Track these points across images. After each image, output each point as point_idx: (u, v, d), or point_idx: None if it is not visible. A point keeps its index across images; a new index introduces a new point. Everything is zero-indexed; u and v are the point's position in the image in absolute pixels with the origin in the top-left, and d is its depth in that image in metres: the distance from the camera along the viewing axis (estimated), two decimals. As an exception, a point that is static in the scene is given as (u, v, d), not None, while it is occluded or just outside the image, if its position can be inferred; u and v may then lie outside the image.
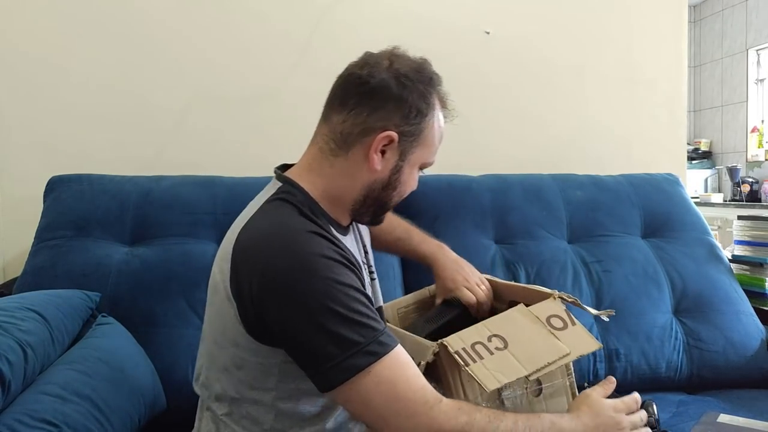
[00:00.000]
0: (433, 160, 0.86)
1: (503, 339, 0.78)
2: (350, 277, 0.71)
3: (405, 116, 0.78)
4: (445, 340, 0.76)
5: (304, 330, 0.67)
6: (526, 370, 0.74)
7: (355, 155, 0.79)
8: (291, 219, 0.75)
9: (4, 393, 0.73)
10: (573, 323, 0.82)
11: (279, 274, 0.68)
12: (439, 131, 0.84)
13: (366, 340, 0.67)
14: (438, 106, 0.83)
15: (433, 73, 0.84)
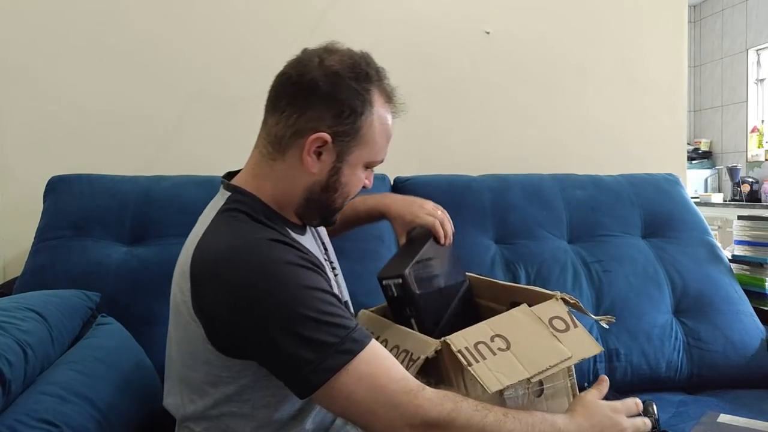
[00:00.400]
0: (380, 159, 0.83)
1: (506, 339, 0.78)
2: (316, 279, 0.71)
3: (337, 116, 0.75)
4: (448, 339, 0.76)
5: (277, 340, 0.66)
6: (528, 372, 0.74)
7: (291, 158, 0.77)
8: (248, 229, 0.74)
9: (4, 393, 0.73)
10: (575, 325, 0.82)
11: (245, 288, 0.67)
12: (382, 128, 0.80)
13: (340, 340, 0.66)
14: (379, 102, 0.79)
15: (372, 69, 0.79)
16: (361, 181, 0.82)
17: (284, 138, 0.77)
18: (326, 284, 0.72)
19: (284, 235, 0.76)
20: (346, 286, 0.98)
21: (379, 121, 0.79)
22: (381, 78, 0.80)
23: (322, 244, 0.94)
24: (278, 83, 0.79)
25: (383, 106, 0.80)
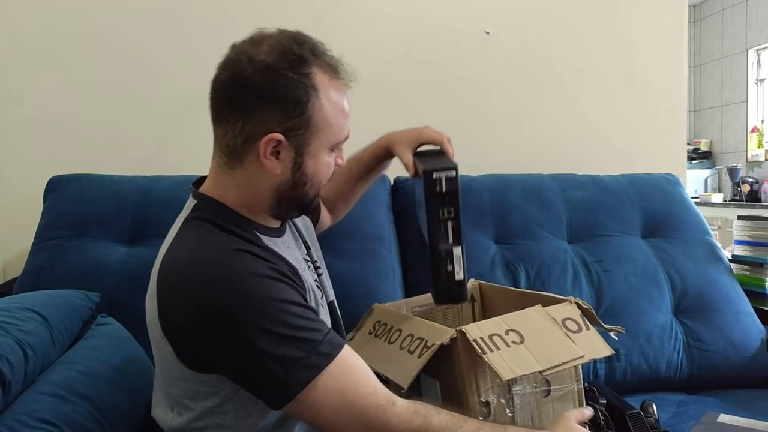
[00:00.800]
0: (342, 137, 0.78)
1: (520, 334, 0.79)
2: (282, 290, 0.68)
3: (284, 112, 0.71)
4: (464, 328, 0.77)
5: (243, 356, 0.65)
6: (541, 366, 0.75)
7: (250, 165, 0.74)
8: (212, 240, 0.71)
9: (5, 393, 0.73)
10: (587, 328, 0.83)
11: (207, 305, 0.65)
12: (335, 108, 0.75)
13: (306, 354, 0.65)
14: (323, 82, 0.73)
15: (306, 49, 0.73)
16: (330, 165, 0.79)
17: (237, 147, 0.73)
18: (295, 294, 0.70)
19: (252, 242, 0.73)
20: (331, 285, 0.96)
21: (329, 102, 0.74)
22: (319, 54, 0.74)
23: (304, 243, 0.92)
24: (214, 91, 0.75)
25: (330, 85, 0.74)
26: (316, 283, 0.88)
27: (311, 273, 0.87)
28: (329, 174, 0.80)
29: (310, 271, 0.87)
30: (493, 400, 0.78)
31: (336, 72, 0.76)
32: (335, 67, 0.77)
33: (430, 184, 0.83)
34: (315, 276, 0.89)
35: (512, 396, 0.78)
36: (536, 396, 0.81)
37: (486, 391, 0.77)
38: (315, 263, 0.92)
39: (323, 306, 0.84)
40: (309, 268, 0.87)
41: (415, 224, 1.43)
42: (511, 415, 0.80)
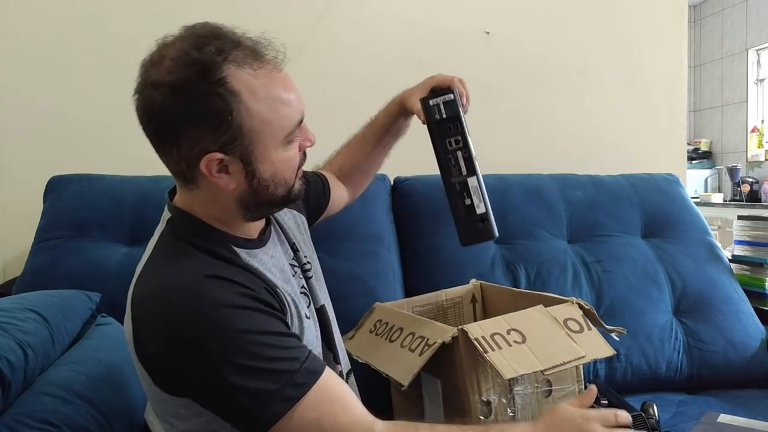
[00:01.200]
0: (292, 124, 0.70)
1: (522, 334, 0.79)
2: (256, 320, 0.65)
3: (211, 130, 0.64)
4: (466, 327, 0.77)
5: (215, 389, 0.63)
6: (542, 365, 0.75)
7: (204, 185, 0.70)
8: (184, 265, 0.67)
9: (5, 394, 0.73)
10: (589, 328, 0.83)
11: (180, 337, 0.63)
12: (266, 102, 0.66)
13: (280, 386, 0.62)
14: (243, 80, 0.65)
15: (211, 50, 0.64)
16: (291, 158, 0.72)
17: (183, 172, 0.69)
18: (271, 322, 0.66)
19: (230, 261, 0.70)
20: (323, 286, 0.92)
21: (257, 100, 0.65)
22: (229, 49, 0.65)
23: (292, 246, 0.87)
24: (140, 122, 0.70)
25: (252, 79, 0.65)
26: (303, 290, 0.84)
27: (298, 279, 0.83)
28: (295, 165, 0.73)
29: (296, 277, 0.83)
30: (494, 400, 0.78)
31: (258, 58, 0.67)
32: (255, 53, 0.67)
33: (429, 113, 0.80)
34: (303, 282, 0.85)
35: (513, 396, 0.79)
36: (537, 396, 0.81)
37: (487, 390, 0.78)
38: (304, 266, 0.87)
39: (307, 316, 0.79)
40: (295, 274, 0.83)
41: (415, 224, 1.43)
42: (512, 415, 0.80)
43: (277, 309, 0.69)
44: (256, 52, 0.68)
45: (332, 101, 1.62)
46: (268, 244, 0.80)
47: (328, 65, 1.61)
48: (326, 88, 1.62)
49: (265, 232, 0.81)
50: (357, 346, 0.99)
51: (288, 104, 0.69)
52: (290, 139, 0.71)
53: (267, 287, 0.71)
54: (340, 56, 1.63)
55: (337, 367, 0.86)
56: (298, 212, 0.95)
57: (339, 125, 1.65)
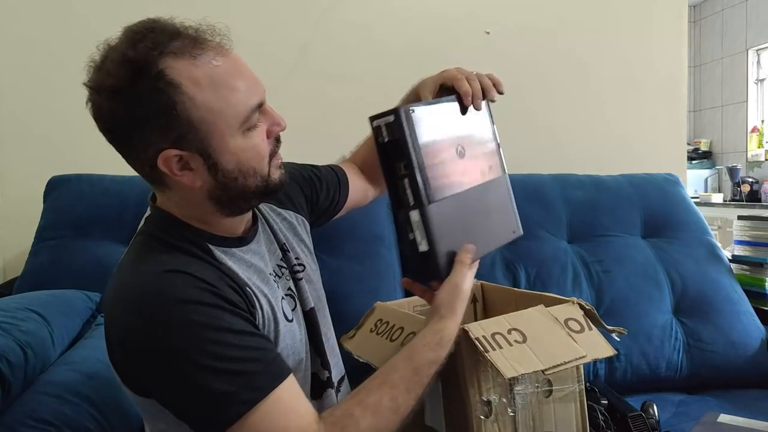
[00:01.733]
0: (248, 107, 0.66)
1: (522, 333, 0.79)
2: (216, 317, 0.62)
3: (159, 128, 0.62)
4: (466, 326, 0.76)
5: (170, 387, 0.62)
6: (543, 365, 0.75)
7: (173, 185, 0.68)
8: (146, 262, 0.66)
9: (5, 394, 0.73)
10: (590, 328, 0.83)
11: (137, 334, 0.61)
12: (213, 88, 0.63)
13: (237, 389, 0.60)
14: (183, 71, 0.62)
15: (145, 47, 0.61)
16: (257, 144, 0.68)
17: (149, 174, 0.67)
18: (233, 320, 0.63)
19: (199, 258, 0.68)
20: (318, 289, 0.89)
21: (200, 88, 0.62)
22: (165, 41, 0.62)
23: (282, 246, 0.84)
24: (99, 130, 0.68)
25: (193, 67, 0.62)
26: (290, 292, 0.81)
27: (284, 281, 0.81)
28: (262, 153, 0.69)
29: (282, 279, 0.80)
30: (494, 399, 0.78)
31: (198, 46, 0.64)
32: (196, 40, 0.64)
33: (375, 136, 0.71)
34: (290, 284, 0.82)
35: (514, 395, 0.78)
36: (538, 396, 0.81)
37: (488, 390, 0.77)
38: (294, 267, 0.84)
39: (288, 319, 0.77)
40: (282, 276, 0.81)
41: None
42: (513, 415, 0.80)
43: (243, 308, 0.66)
44: (196, 40, 0.64)
45: (332, 101, 1.63)
46: (251, 244, 0.77)
47: (328, 65, 1.62)
48: (326, 88, 1.62)
49: (251, 230, 0.79)
50: (357, 346, 0.98)
51: (236, 89, 0.65)
52: (249, 126, 0.66)
53: (234, 285, 0.68)
54: (340, 56, 1.63)
55: (324, 372, 0.84)
56: (294, 212, 0.91)
57: (339, 125, 1.65)
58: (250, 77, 0.68)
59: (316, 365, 0.83)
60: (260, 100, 0.68)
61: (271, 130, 0.70)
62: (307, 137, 1.63)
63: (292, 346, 0.76)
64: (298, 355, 0.77)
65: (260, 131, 0.68)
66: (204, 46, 0.64)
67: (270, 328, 0.72)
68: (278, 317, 0.73)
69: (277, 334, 0.73)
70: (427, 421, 0.90)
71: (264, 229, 0.82)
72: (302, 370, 0.78)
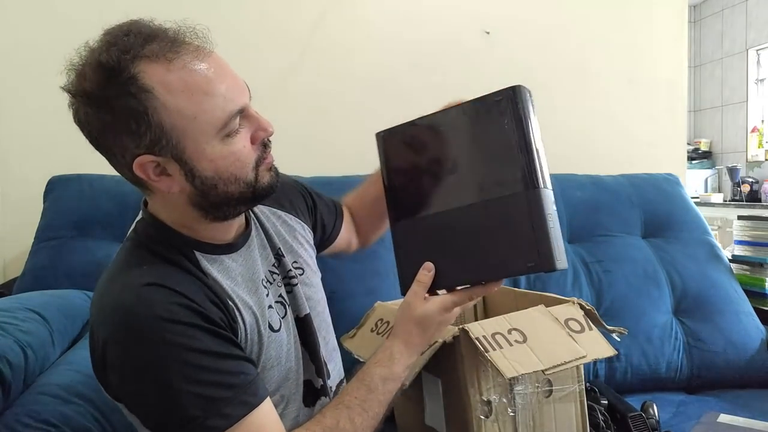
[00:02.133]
0: (225, 113, 0.63)
1: (522, 333, 0.79)
2: (190, 336, 0.60)
3: (131, 133, 0.60)
4: (467, 326, 0.77)
5: (140, 404, 0.62)
6: (543, 364, 0.75)
7: (153, 189, 0.67)
8: (131, 271, 0.65)
9: (5, 394, 0.73)
10: (590, 328, 0.83)
11: (111, 346, 0.61)
12: (186, 94, 0.61)
13: (204, 414, 0.59)
14: (156, 76, 0.60)
15: (118, 50, 0.60)
16: (237, 152, 0.65)
17: (131, 179, 0.66)
18: (209, 341, 0.62)
19: (182, 267, 0.67)
20: (315, 294, 0.86)
21: (173, 93, 0.60)
22: (140, 45, 0.61)
23: (277, 251, 0.82)
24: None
25: (167, 72, 0.60)
26: (280, 299, 0.79)
27: (275, 288, 0.79)
28: (245, 160, 0.66)
29: (273, 286, 0.78)
30: (494, 399, 0.78)
31: (175, 48, 0.62)
32: (174, 43, 0.62)
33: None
34: (282, 291, 0.80)
35: (514, 395, 0.79)
36: (538, 396, 0.81)
37: (488, 390, 0.78)
38: (288, 273, 0.82)
39: (274, 329, 0.75)
40: (273, 282, 0.79)
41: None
42: (513, 415, 0.80)
43: (221, 325, 0.64)
44: (173, 42, 0.62)
45: (332, 101, 1.63)
46: (242, 249, 0.75)
47: (328, 65, 1.62)
48: (326, 88, 1.62)
49: (243, 235, 0.77)
50: (358, 346, 0.99)
51: (212, 94, 0.62)
52: (228, 132, 0.64)
53: (216, 300, 0.66)
54: (340, 56, 1.63)
55: (318, 380, 0.82)
56: (296, 217, 0.89)
57: (339, 125, 1.65)
58: (232, 81, 0.65)
59: (310, 372, 0.81)
60: (241, 106, 0.65)
61: (255, 135, 0.67)
62: (308, 137, 1.63)
63: (278, 356, 0.74)
64: (285, 365, 0.75)
65: (242, 137, 0.65)
66: (180, 50, 0.62)
67: (253, 341, 0.71)
68: (262, 330, 0.72)
69: (261, 347, 0.71)
70: (427, 421, 0.90)
71: (258, 233, 0.80)
72: (291, 378, 0.77)
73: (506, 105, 0.77)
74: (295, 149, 1.58)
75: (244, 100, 0.66)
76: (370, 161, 1.52)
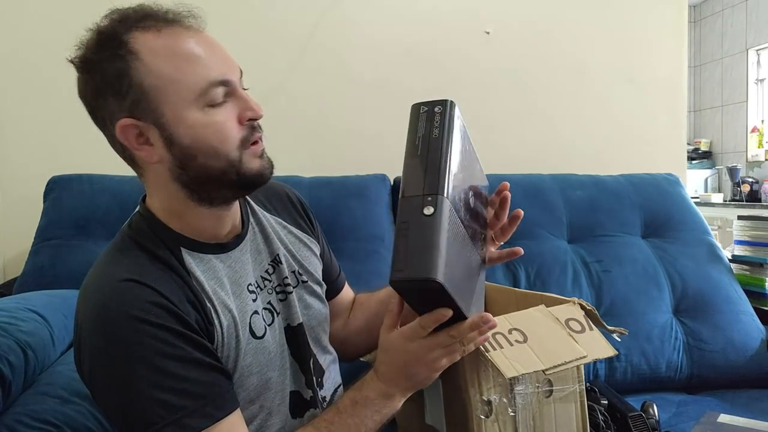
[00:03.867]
0: (204, 81, 0.64)
1: (523, 333, 0.79)
2: (163, 341, 0.60)
3: (116, 94, 0.63)
4: None
5: (104, 398, 0.62)
6: (544, 364, 0.75)
7: (143, 164, 0.67)
8: (113, 265, 0.65)
9: (5, 394, 0.73)
10: (591, 328, 0.83)
11: (85, 337, 0.62)
12: (169, 58, 0.63)
13: (164, 422, 0.58)
14: (146, 43, 0.63)
15: (114, 20, 0.65)
16: (217, 123, 0.65)
17: (121, 153, 0.68)
18: (174, 345, 0.61)
19: (165, 263, 0.66)
20: (309, 306, 0.84)
21: (157, 56, 0.62)
22: (134, 20, 0.64)
23: (274, 258, 0.80)
24: None
25: (155, 38, 0.63)
26: (269, 306, 0.77)
27: (265, 294, 0.77)
28: (227, 134, 0.66)
29: (263, 292, 0.77)
30: (495, 399, 0.78)
31: (167, 23, 0.65)
32: (167, 19, 0.65)
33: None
34: (272, 298, 0.78)
35: (514, 395, 0.78)
36: (538, 396, 0.81)
37: (488, 390, 0.77)
38: (285, 280, 0.80)
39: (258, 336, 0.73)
40: (264, 288, 0.77)
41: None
42: (513, 415, 0.80)
43: (195, 329, 0.64)
44: (168, 18, 0.65)
45: (332, 101, 1.63)
46: (233, 251, 0.74)
47: (328, 65, 1.62)
48: (326, 87, 1.62)
49: (236, 238, 0.76)
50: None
51: (195, 61, 0.64)
52: (209, 101, 0.64)
53: (194, 299, 0.66)
54: (341, 56, 1.63)
55: (308, 391, 0.80)
56: (306, 235, 0.88)
57: (339, 125, 1.65)
58: (219, 53, 0.67)
59: (299, 383, 0.79)
60: (225, 78, 0.66)
61: (243, 114, 0.67)
62: (308, 136, 1.63)
63: (258, 363, 0.72)
64: (265, 374, 0.73)
65: (226, 111, 0.66)
66: (173, 24, 0.65)
67: (230, 346, 0.69)
68: (241, 335, 0.70)
69: (238, 352, 0.70)
70: (427, 420, 0.90)
71: (254, 237, 0.79)
72: (273, 388, 0.74)
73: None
74: (295, 149, 1.58)
75: (230, 75, 0.67)
76: (370, 161, 1.53)
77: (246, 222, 0.79)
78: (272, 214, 0.85)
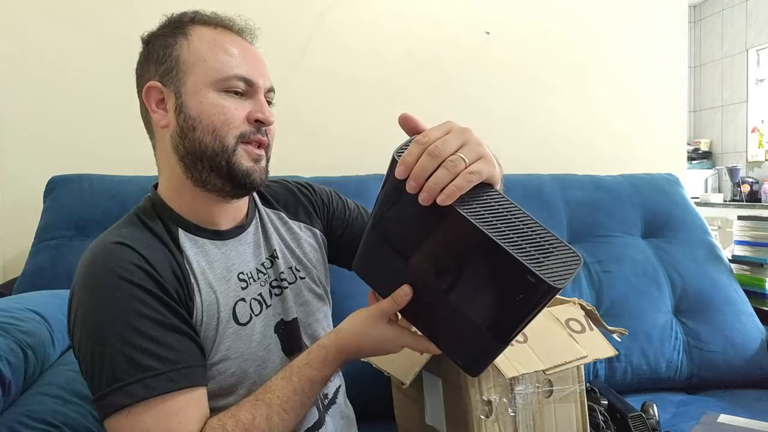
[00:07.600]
0: (228, 71, 0.71)
1: (523, 333, 0.79)
2: (142, 301, 0.63)
3: (156, 61, 0.73)
4: None
5: (80, 351, 0.63)
6: (544, 365, 0.75)
7: (154, 129, 0.75)
8: (111, 231, 0.70)
9: (5, 394, 0.73)
10: (591, 328, 0.83)
11: (73, 290, 0.65)
12: (209, 44, 0.72)
13: (129, 379, 0.60)
14: (199, 32, 0.73)
15: (187, 14, 0.75)
16: (223, 106, 0.71)
17: (144, 117, 0.76)
18: (152, 308, 0.63)
19: (159, 237, 0.70)
20: (307, 303, 0.84)
21: (201, 40, 0.72)
22: (204, 19, 0.76)
23: (272, 253, 0.82)
24: None
25: (208, 30, 0.74)
26: (258, 297, 0.77)
27: (257, 286, 0.77)
28: (230, 115, 0.71)
29: (256, 284, 0.77)
30: (495, 399, 0.78)
31: (224, 26, 0.76)
32: (225, 23, 0.76)
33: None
34: (263, 290, 0.78)
35: (514, 395, 0.79)
36: (538, 396, 0.81)
37: (488, 390, 0.78)
38: (281, 275, 0.81)
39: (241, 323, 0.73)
40: (257, 280, 0.78)
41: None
42: (513, 415, 0.80)
43: (174, 298, 0.66)
44: (225, 23, 0.76)
45: (332, 101, 1.63)
46: (229, 241, 0.77)
47: (328, 65, 1.62)
48: (326, 88, 1.62)
49: (236, 228, 0.78)
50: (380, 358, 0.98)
51: (230, 54, 0.73)
52: (226, 88, 0.71)
53: (178, 271, 0.68)
54: (340, 56, 1.63)
55: None
56: (311, 225, 0.89)
57: (339, 125, 1.65)
58: (255, 61, 0.75)
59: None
60: (250, 76, 0.73)
61: (252, 113, 0.73)
62: (309, 136, 1.63)
63: (237, 349, 0.72)
64: (244, 363, 0.72)
65: (238, 103, 0.72)
66: (229, 28, 0.76)
67: (209, 326, 0.70)
68: (222, 317, 0.71)
69: (216, 334, 0.70)
70: (427, 420, 0.90)
71: (256, 231, 0.82)
72: (251, 378, 0.73)
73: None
74: (295, 149, 1.58)
75: (257, 78, 0.74)
76: (369, 161, 1.53)
77: (251, 217, 0.82)
78: (274, 210, 0.87)
